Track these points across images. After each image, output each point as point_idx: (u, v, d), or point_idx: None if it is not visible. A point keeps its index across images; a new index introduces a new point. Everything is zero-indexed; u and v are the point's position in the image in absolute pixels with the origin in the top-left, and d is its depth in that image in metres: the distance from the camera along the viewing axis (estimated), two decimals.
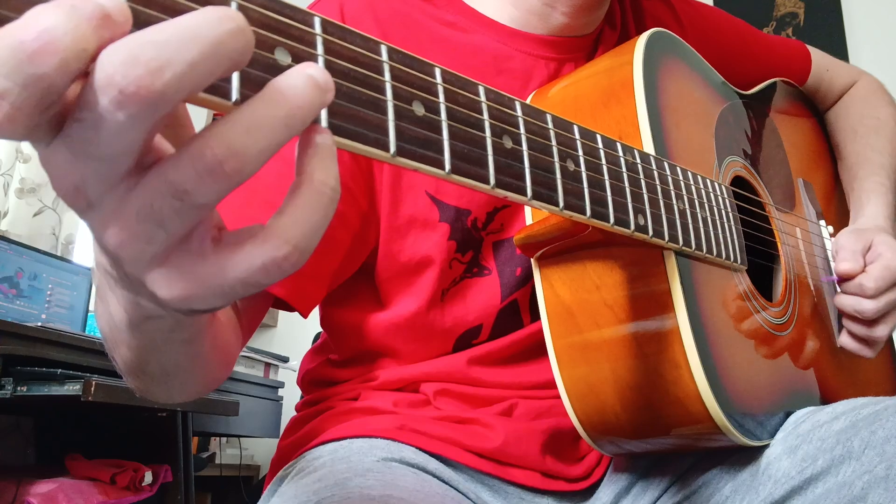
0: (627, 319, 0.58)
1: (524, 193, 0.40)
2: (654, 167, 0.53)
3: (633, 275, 0.58)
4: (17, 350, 1.41)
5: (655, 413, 0.58)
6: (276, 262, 0.27)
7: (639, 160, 0.52)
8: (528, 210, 0.66)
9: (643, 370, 0.57)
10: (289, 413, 1.09)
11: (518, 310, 0.71)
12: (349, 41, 0.32)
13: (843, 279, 0.77)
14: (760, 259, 0.76)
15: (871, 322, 0.76)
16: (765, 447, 0.62)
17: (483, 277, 0.70)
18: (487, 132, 0.38)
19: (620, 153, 0.50)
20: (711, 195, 0.60)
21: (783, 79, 0.95)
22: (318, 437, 0.67)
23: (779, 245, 0.76)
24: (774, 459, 0.60)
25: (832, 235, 0.88)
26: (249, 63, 0.27)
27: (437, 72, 0.36)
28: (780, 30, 2.33)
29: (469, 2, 0.74)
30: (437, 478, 0.64)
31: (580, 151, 0.45)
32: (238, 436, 2.40)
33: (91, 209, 0.27)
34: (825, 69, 1.01)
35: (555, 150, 0.43)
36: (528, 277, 0.68)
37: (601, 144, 0.48)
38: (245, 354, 2.27)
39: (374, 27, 0.68)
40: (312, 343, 0.88)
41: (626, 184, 0.49)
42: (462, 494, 0.64)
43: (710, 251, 0.58)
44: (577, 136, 0.46)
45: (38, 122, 0.24)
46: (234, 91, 0.27)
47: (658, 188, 0.53)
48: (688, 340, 0.55)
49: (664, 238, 0.52)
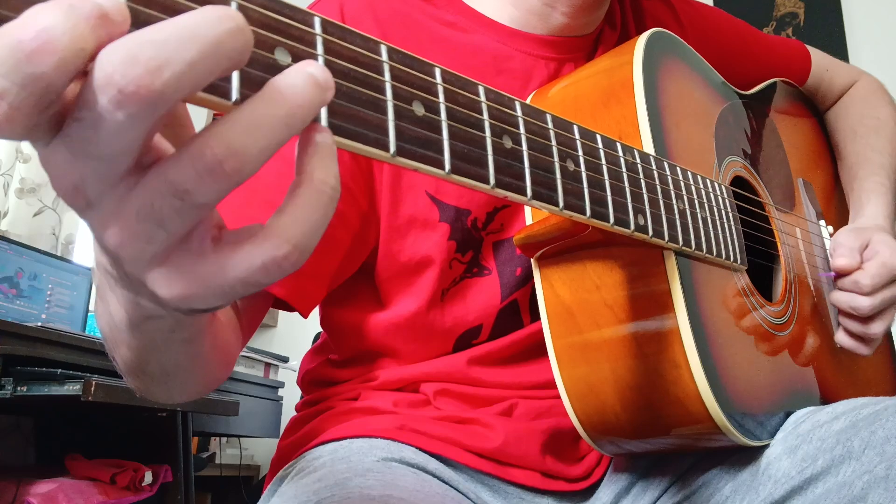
0: (627, 319, 0.58)
1: (524, 193, 0.40)
2: (654, 167, 0.53)
3: (633, 275, 0.58)
4: (17, 350, 1.42)
5: (655, 413, 0.58)
6: (276, 262, 0.27)
7: (639, 160, 0.52)
8: (528, 210, 0.66)
9: (643, 370, 0.57)
10: (289, 413, 1.09)
11: (518, 310, 0.71)
12: (349, 41, 0.32)
13: (840, 275, 0.77)
14: (760, 259, 0.76)
15: (867, 319, 0.76)
16: (765, 447, 0.61)
17: (483, 277, 0.70)
18: (487, 132, 0.38)
19: (620, 153, 0.50)
20: (711, 195, 0.60)
21: (783, 79, 0.95)
22: (318, 437, 0.67)
23: (779, 245, 0.76)
24: (774, 459, 0.60)
25: (832, 235, 0.88)
26: (249, 63, 0.27)
27: (437, 72, 0.36)
28: (780, 30, 2.33)
29: (469, 2, 0.74)
30: (437, 478, 0.64)
31: (580, 151, 0.45)
32: (238, 436, 2.40)
33: (91, 209, 0.27)
34: (825, 69, 1.01)
35: (555, 150, 0.43)
36: (528, 277, 0.68)
37: (601, 144, 0.48)
38: (245, 354, 2.27)
39: (374, 27, 0.68)
40: (312, 343, 0.88)
41: (626, 184, 0.49)
42: (462, 494, 0.64)
43: (710, 251, 0.58)
44: (577, 136, 0.46)
45: (38, 122, 0.24)
46: (234, 91, 0.27)
47: (658, 188, 0.53)
48: (688, 340, 0.55)
49: (664, 238, 0.52)
